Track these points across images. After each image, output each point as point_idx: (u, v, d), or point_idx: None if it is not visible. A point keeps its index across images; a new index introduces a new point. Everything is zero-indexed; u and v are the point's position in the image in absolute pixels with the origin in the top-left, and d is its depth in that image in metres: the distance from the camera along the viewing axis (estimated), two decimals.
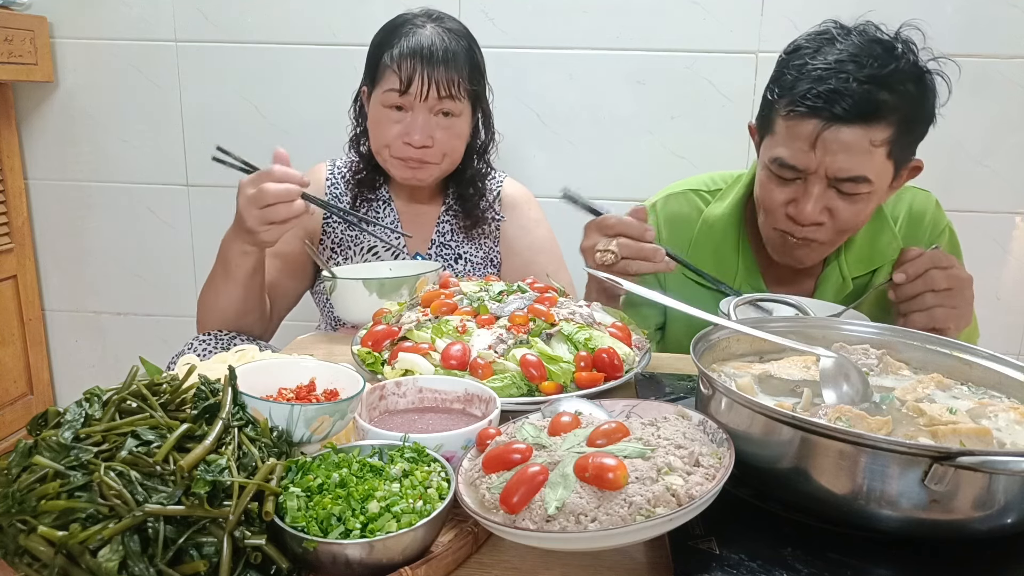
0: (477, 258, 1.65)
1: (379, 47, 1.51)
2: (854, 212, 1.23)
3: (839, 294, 1.41)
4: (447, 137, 1.51)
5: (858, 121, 1.14)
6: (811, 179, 1.21)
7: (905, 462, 0.65)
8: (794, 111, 1.18)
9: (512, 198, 1.68)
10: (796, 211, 1.24)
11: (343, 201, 1.63)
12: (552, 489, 0.64)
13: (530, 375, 0.94)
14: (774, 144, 1.24)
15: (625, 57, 1.99)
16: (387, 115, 1.49)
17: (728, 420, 0.77)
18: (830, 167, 1.17)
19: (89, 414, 0.69)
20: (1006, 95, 1.92)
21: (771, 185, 1.27)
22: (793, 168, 1.21)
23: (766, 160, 1.27)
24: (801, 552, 0.69)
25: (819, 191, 1.21)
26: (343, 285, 1.33)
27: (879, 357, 0.96)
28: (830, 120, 1.14)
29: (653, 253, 1.17)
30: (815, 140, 1.16)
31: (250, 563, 0.63)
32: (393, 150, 1.51)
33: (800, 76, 1.18)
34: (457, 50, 1.47)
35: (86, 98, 2.14)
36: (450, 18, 1.54)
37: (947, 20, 1.89)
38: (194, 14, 2.05)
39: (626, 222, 1.19)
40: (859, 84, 1.13)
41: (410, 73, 1.44)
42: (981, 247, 2.01)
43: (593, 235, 1.22)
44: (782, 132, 1.22)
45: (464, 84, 1.48)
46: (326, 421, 0.77)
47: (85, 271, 2.28)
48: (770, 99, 1.25)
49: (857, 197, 1.21)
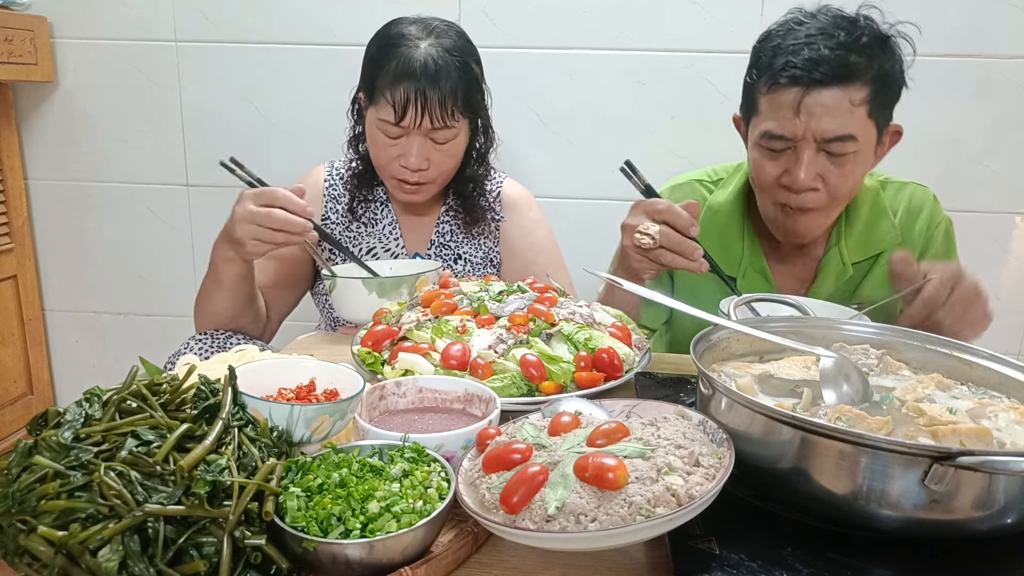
0: (477, 258, 1.65)
1: (374, 63, 1.47)
2: (844, 175, 1.28)
3: (839, 279, 1.44)
4: (443, 158, 1.50)
5: (835, 83, 1.21)
6: (800, 146, 1.26)
7: (905, 462, 0.65)
8: (776, 84, 1.25)
9: (512, 199, 1.67)
10: (790, 179, 1.29)
11: (341, 202, 1.62)
12: (552, 489, 0.64)
13: (530, 375, 0.94)
14: (760, 121, 1.30)
15: (625, 57, 1.99)
16: (383, 138, 1.48)
17: (728, 420, 0.77)
18: (816, 130, 1.23)
19: (89, 414, 0.69)
20: (1006, 95, 1.92)
21: (764, 161, 1.33)
22: (782, 138, 1.27)
23: (755, 139, 1.33)
24: (801, 552, 0.69)
25: (809, 156, 1.26)
26: (343, 284, 1.33)
27: (879, 357, 0.96)
28: (809, 85, 1.22)
29: (692, 250, 1.16)
30: (798, 106, 1.23)
31: (250, 563, 0.63)
32: (391, 171, 1.51)
33: (776, 54, 1.26)
34: (452, 72, 1.43)
35: (86, 98, 2.14)
36: (445, 29, 1.49)
37: (948, 21, 1.89)
38: (194, 14, 2.05)
39: (675, 211, 1.17)
40: (831, 51, 1.21)
41: (403, 103, 1.41)
42: (981, 247, 2.01)
43: (638, 215, 1.21)
44: (766, 107, 1.29)
45: (459, 107, 1.45)
46: (326, 421, 0.77)
47: (85, 271, 2.28)
48: (750, 82, 1.33)
49: (845, 159, 1.26)
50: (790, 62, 1.23)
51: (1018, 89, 1.91)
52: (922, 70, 1.89)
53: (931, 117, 1.93)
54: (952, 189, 1.96)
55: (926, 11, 1.88)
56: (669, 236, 1.16)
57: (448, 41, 1.47)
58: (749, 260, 1.47)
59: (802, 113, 1.23)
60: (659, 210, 1.18)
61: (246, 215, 1.23)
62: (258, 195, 1.24)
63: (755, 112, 1.32)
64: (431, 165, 1.49)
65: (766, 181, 1.34)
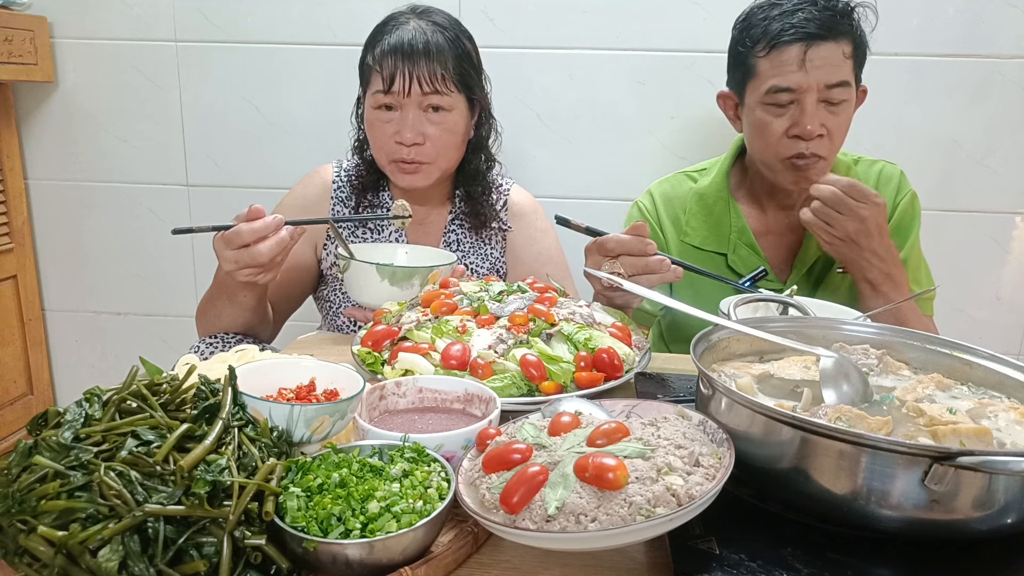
0: (483, 268, 1.64)
1: (365, 49, 1.50)
2: (840, 123, 1.43)
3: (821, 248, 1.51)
4: (439, 132, 1.48)
5: (831, 36, 1.38)
6: (804, 97, 1.40)
7: (905, 462, 0.65)
8: (778, 43, 1.39)
9: (519, 207, 1.66)
10: (799, 129, 1.41)
11: (348, 205, 1.61)
12: (552, 489, 0.64)
13: (530, 375, 0.94)
14: (762, 81, 1.43)
15: (625, 57, 1.99)
16: (378, 116, 1.48)
17: (728, 420, 0.77)
18: (819, 78, 1.38)
19: (89, 414, 0.69)
20: (1006, 95, 1.92)
21: (768, 118, 1.44)
22: (788, 90, 1.40)
23: (759, 99, 1.44)
24: (801, 552, 0.69)
25: (812, 105, 1.40)
26: (356, 267, 1.33)
27: (879, 357, 0.96)
28: (810, 39, 1.37)
29: (659, 265, 1.21)
30: (803, 60, 1.38)
31: (250, 563, 0.63)
32: (388, 152, 1.50)
33: (770, 21, 1.41)
34: (440, 41, 1.45)
35: (86, 98, 2.14)
36: (438, 11, 1.52)
37: (948, 21, 1.89)
38: (194, 14, 2.05)
39: (625, 242, 1.21)
40: (820, 13, 1.38)
41: (392, 70, 1.42)
42: (981, 247, 2.01)
43: (594, 258, 1.25)
44: (768, 67, 1.42)
45: (450, 76, 1.45)
46: (326, 421, 0.77)
47: (85, 271, 2.28)
48: (742, 51, 1.46)
49: (841, 107, 1.42)
50: (788, 24, 1.39)
51: (1018, 89, 1.91)
52: (922, 70, 1.90)
53: (931, 117, 1.93)
54: (952, 189, 1.96)
55: (926, 11, 1.88)
56: (633, 264, 1.21)
57: (439, 18, 1.50)
58: (738, 236, 1.58)
59: (807, 65, 1.38)
60: (611, 248, 1.23)
61: (233, 265, 1.18)
62: (228, 241, 1.17)
63: (753, 76, 1.45)
64: (427, 140, 1.48)
65: (774, 136, 1.44)
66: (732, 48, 1.51)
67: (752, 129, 1.50)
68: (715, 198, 1.60)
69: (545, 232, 1.67)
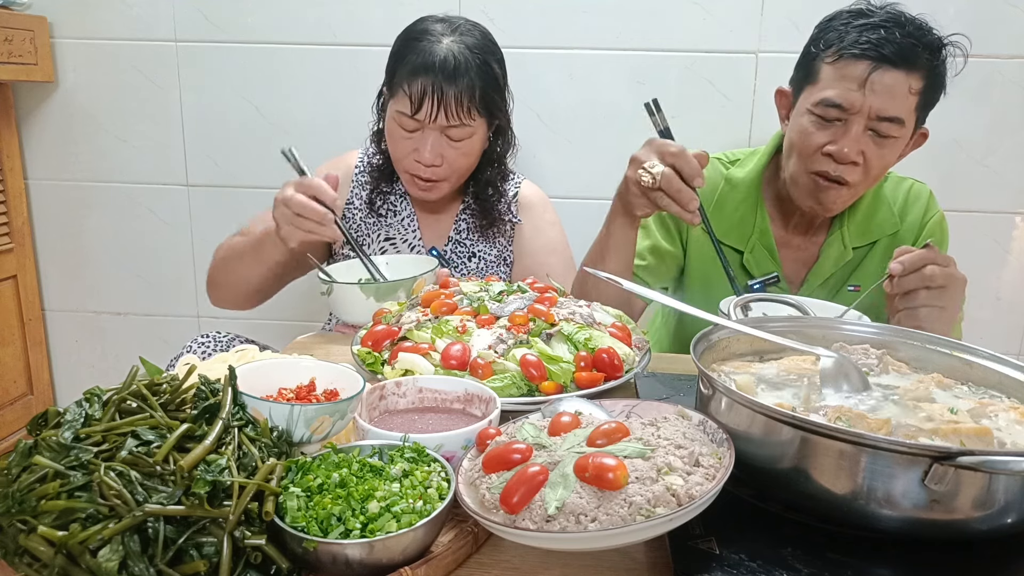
0: (491, 256, 1.66)
1: (396, 56, 1.49)
2: (882, 156, 1.36)
3: (839, 261, 1.52)
4: (456, 156, 1.51)
5: (902, 65, 1.29)
6: (853, 119, 1.33)
7: (905, 462, 0.65)
8: (845, 54, 1.31)
9: (528, 199, 1.69)
10: (836, 148, 1.34)
11: (366, 190, 1.65)
12: (552, 489, 0.63)
13: (530, 375, 0.94)
14: (819, 89, 1.36)
15: (625, 57, 1.99)
16: (399, 130, 1.49)
17: (728, 420, 0.77)
18: (874, 105, 1.30)
19: (89, 414, 0.69)
20: (1007, 95, 1.92)
21: (811, 129, 1.37)
22: (839, 107, 1.32)
23: (808, 105, 1.37)
24: (801, 552, 0.69)
25: (857, 131, 1.32)
26: (340, 289, 1.34)
27: (879, 357, 0.96)
28: (879, 61, 1.28)
29: (689, 200, 1.18)
30: (865, 80, 1.29)
31: (250, 563, 0.63)
32: (405, 165, 1.52)
33: (847, 30, 1.32)
34: (470, 69, 1.44)
35: (86, 98, 2.14)
36: (470, 28, 1.50)
37: (948, 22, 1.86)
38: (194, 14, 2.05)
39: (685, 157, 1.18)
40: (902, 36, 1.29)
41: (420, 96, 1.42)
42: (981, 247, 2.01)
43: (649, 151, 1.22)
44: (829, 76, 1.34)
45: (475, 105, 1.45)
46: (326, 421, 0.77)
47: (85, 271, 2.28)
48: (813, 52, 1.38)
49: (888, 141, 1.34)
50: (863, 37, 1.30)
51: (1018, 89, 1.91)
52: None
53: (932, 117, 1.93)
54: (952, 189, 1.96)
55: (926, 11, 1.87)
56: (671, 181, 1.17)
57: (471, 39, 1.48)
58: (759, 236, 1.54)
59: (866, 88, 1.30)
60: (670, 152, 1.19)
61: (282, 198, 1.30)
62: (297, 183, 1.31)
63: (813, 80, 1.37)
64: (444, 162, 1.50)
65: (810, 148, 1.38)
66: (805, 46, 1.42)
67: (794, 133, 1.43)
68: (745, 195, 1.55)
69: (552, 224, 1.71)
